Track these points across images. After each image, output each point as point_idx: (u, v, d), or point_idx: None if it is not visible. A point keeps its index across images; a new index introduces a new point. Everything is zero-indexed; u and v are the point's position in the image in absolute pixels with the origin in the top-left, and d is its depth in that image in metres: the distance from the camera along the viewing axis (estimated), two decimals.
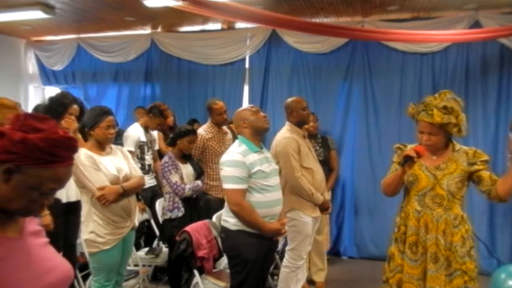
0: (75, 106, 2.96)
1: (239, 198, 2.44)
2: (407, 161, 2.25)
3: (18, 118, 1.09)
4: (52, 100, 2.97)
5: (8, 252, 1.07)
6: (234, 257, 2.52)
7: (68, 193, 3.08)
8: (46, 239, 1.23)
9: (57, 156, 1.07)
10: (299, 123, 3.28)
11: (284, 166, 3.08)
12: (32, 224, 1.20)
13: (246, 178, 2.44)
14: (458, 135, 2.28)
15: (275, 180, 2.61)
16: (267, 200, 2.50)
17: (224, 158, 2.53)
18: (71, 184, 2.75)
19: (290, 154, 3.08)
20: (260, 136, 2.66)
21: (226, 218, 2.55)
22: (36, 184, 1.06)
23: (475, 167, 2.28)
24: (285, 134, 3.21)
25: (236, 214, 2.46)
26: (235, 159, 2.45)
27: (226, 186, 2.48)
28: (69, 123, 2.84)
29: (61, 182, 1.12)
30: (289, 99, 3.37)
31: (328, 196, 4.22)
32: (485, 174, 2.27)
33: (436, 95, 2.32)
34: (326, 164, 4.25)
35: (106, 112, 2.67)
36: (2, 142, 1.05)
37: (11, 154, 1.04)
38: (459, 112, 2.25)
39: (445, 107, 2.22)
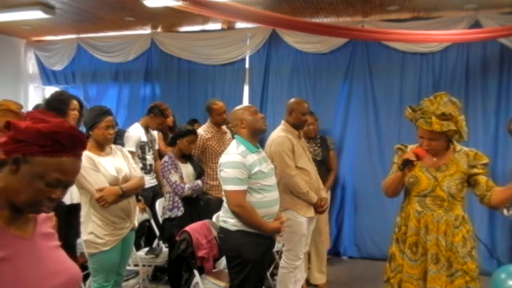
0: (74, 102, 2.99)
1: (240, 199, 2.42)
2: (407, 164, 2.24)
3: (28, 114, 1.13)
4: (51, 100, 2.97)
5: (18, 251, 1.08)
6: (235, 257, 2.51)
7: (72, 195, 3.09)
8: (58, 242, 1.24)
9: (61, 144, 1.08)
10: (295, 126, 3.27)
11: (278, 165, 3.05)
12: (45, 226, 1.21)
13: (246, 179, 2.43)
14: (459, 140, 2.27)
15: (273, 180, 2.60)
16: (266, 200, 2.50)
17: (224, 159, 2.50)
18: (74, 186, 2.75)
19: (284, 153, 3.07)
20: (257, 137, 2.64)
21: (225, 219, 2.54)
22: (40, 173, 1.07)
23: (475, 170, 2.28)
24: (279, 133, 3.20)
25: (238, 215, 2.44)
26: (236, 160, 2.43)
27: (227, 187, 2.46)
28: (75, 118, 2.86)
29: (66, 173, 1.11)
30: (293, 99, 3.36)
31: (327, 195, 4.22)
32: (482, 179, 2.27)
33: (432, 98, 2.28)
34: (325, 164, 4.23)
35: (105, 112, 2.65)
36: (10, 133, 1.08)
37: (17, 142, 1.06)
38: (458, 117, 2.22)
39: (443, 114, 2.19)
